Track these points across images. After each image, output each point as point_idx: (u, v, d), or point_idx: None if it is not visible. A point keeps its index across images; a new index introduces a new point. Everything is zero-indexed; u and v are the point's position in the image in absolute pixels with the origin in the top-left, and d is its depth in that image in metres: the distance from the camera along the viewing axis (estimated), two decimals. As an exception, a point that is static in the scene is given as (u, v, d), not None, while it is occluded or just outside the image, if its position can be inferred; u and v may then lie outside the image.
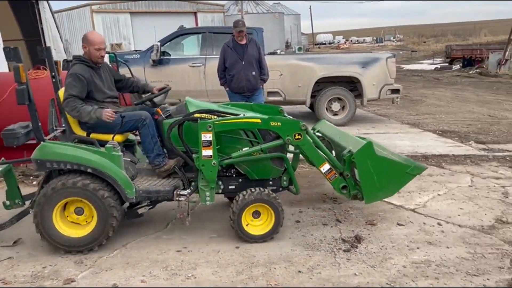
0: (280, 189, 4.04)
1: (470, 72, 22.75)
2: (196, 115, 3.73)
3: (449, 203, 4.68)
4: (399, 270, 3.33)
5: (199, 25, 22.03)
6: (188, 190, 3.77)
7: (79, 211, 3.64)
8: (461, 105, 12.09)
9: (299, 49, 34.47)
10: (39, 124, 3.58)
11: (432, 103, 12.46)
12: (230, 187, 3.92)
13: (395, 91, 8.91)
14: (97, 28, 19.74)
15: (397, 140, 7.62)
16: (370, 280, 3.20)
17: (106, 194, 3.51)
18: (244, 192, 3.71)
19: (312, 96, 8.80)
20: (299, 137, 3.72)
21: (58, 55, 10.57)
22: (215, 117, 3.72)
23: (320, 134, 4.54)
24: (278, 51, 11.39)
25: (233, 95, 6.31)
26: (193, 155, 3.70)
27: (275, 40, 25.54)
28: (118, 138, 3.82)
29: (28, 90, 3.39)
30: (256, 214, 3.78)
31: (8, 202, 3.98)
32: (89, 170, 3.48)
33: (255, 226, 3.80)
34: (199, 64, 8.59)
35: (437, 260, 3.48)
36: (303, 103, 8.91)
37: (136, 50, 10.10)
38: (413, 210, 4.51)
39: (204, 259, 3.54)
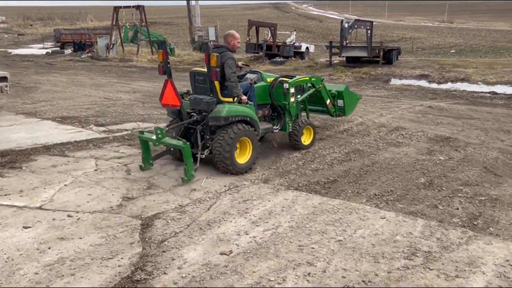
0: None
1: (82, 57, 23.28)
2: (283, 78, 6.06)
3: (77, 191, 4.58)
4: (31, 279, 3.00)
5: None
6: (278, 126, 6.06)
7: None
8: (77, 89, 12.16)
9: None
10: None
11: (48, 89, 11.99)
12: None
13: (2, 79, 7.97)
14: None
15: (13, 133, 6.90)
16: (-3, 303, 2.74)
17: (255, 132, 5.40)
18: (300, 120, 6.21)
19: None
20: (321, 85, 6.58)
21: None
22: (290, 79, 6.02)
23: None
24: None
25: None
26: (284, 102, 5.97)
27: None
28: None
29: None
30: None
31: (143, 165, 5.20)
32: (248, 119, 5.26)
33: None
34: None
35: (71, 255, 3.33)
36: None
37: None
38: (40, 208, 4.18)
39: None
